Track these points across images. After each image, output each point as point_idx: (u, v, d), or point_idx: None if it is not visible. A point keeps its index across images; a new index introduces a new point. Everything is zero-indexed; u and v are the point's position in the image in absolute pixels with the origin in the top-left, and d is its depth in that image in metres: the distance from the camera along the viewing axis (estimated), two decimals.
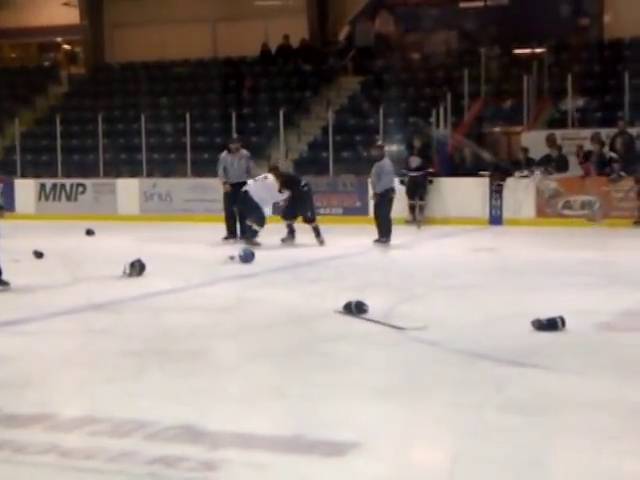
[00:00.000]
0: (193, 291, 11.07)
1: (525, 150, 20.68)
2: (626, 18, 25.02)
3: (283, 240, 15.93)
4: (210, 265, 13.40)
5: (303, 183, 16.32)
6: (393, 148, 22.35)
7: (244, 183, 16.35)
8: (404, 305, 9.70)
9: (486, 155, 20.88)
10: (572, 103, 21.88)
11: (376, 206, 16.23)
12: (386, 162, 16.14)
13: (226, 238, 16.39)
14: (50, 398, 6.10)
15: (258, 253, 13.73)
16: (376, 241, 15.66)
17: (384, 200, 15.96)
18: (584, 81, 22.88)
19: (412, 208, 20.43)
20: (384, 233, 15.73)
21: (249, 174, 16.81)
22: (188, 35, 29.52)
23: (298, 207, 16.05)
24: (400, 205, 20.23)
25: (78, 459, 4.91)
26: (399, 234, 16.33)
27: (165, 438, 5.17)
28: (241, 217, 16.40)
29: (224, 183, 16.99)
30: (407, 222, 20.16)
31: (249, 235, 15.62)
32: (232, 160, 17.01)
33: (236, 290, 11.04)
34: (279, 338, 8.11)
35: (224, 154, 17.26)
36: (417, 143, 20.87)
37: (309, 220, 16.00)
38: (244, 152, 17.27)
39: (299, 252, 14.93)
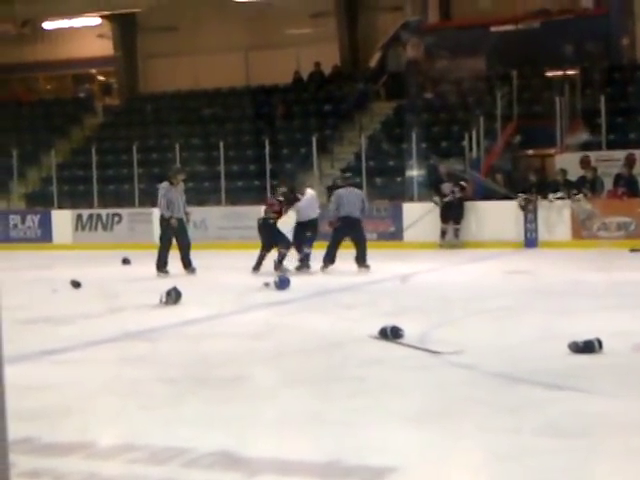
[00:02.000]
0: (229, 318, 11.11)
1: (564, 172, 20.58)
2: None
3: (298, 268, 15.73)
4: (246, 292, 13.45)
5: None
6: (420, 173, 22.43)
7: (183, 219, 16.13)
8: (440, 329, 9.68)
9: (508, 192, 20.79)
10: (579, 138, 21.86)
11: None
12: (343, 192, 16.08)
13: (164, 271, 15.89)
14: (89, 426, 6.14)
15: (293, 279, 13.76)
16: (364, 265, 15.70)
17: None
18: (617, 102, 22.82)
19: (444, 232, 20.44)
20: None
21: (186, 209, 16.32)
22: (220, 64, 29.80)
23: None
24: (434, 229, 20.30)
25: None
26: (433, 258, 16.31)
27: (203, 465, 5.19)
28: (182, 249, 16.09)
29: (171, 218, 16.01)
30: (440, 246, 20.19)
31: (278, 261, 15.57)
32: (176, 193, 16.12)
33: (272, 316, 11.07)
34: (315, 364, 8.12)
35: (167, 185, 16.23)
36: (443, 170, 20.95)
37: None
38: (182, 185, 16.46)
39: (333, 278, 14.95)
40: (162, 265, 16.00)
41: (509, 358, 8.03)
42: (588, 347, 7.95)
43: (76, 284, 14.20)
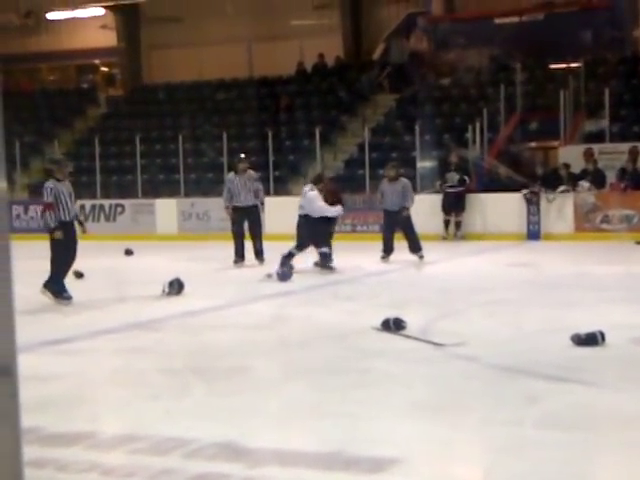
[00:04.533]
0: (232, 309, 11.12)
1: (567, 166, 20.55)
2: None
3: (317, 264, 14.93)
4: (248, 283, 13.47)
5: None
6: (428, 164, 22.39)
7: (254, 207, 15.96)
8: (442, 321, 9.69)
9: (518, 177, 20.76)
10: (598, 124, 21.82)
11: (407, 220, 15.97)
12: (407, 180, 16.43)
13: (235, 261, 15.80)
14: (92, 417, 6.16)
15: (295, 271, 13.76)
16: (420, 255, 15.67)
17: (409, 215, 16.06)
18: (620, 95, 22.79)
19: (447, 223, 20.43)
20: (419, 245, 15.77)
21: (258, 197, 16.12)
22: (224, 55, 29.76)
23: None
24: (436, 221, 20.26)
25: (119, 477, 4.95)
26: (435, 250, 16.30)
27: (206, 456, 5.20)
28: (255, 239, 15.91)
29: (227, 208, 16.19)
30: (443, 238, 20.16)
31: (323, 261, 14.69)
32: (240, 182, 16.07)
33: (274, 308, 11.08)
34: (318, 355, 8.13)
35: (231, 175, 16.40)
36: (454, 159, 20.87)
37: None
38: (252, 173, 16.38)
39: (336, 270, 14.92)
40: (235, 255, 15.93)
41: (511, 350, 8.03)
42: (591, 339, 7.95)
43: (79, 274, 14.19)
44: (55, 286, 11.70)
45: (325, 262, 14.70)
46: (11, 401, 2.46)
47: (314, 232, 14.64)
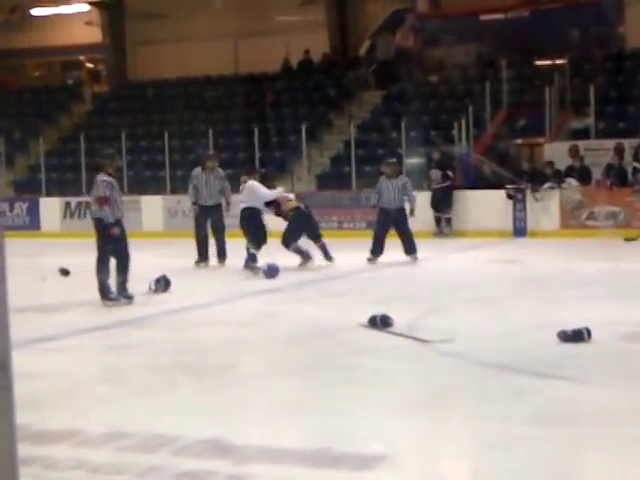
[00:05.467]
0: (218, 306, 11.11)
1: (551, 164, 20.58)
2: None
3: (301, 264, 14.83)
4: (235, 280, 13.45)
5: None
6: (414, 161, 22.39)
7: (218, 205, 15.70)
8: (429, 318, 9.70)
9: (504, 173, 20.78)
10: (584, 121, 21.90)
11: (405, 219, 15.65)
12: (406, 178, 16.22)
13: (197, 262, 15.44)
14: (79, 414, 6.14)
15: (283, 267, 13.73)
16: (413, 256, 15.51)
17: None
18: (606, 92, 22.84)
19: (438, 220, 20.41)
20: (415, 246, 15.57)
21: (224, 196, 15.82)
22: (210, 52, 29.69)
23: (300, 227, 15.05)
24: (425, 218, 20.23)
25: (107, 475, 4.95)
26: (423, 247, 16.30)
27: (193, 453, 5.20)
28: (217, 239, 15.59)
29: (193, 204, 15.93)
30: (434, 235, 20.12)
31: (249, 260, 14.26)
32: (206, 179, 15.72)
33: (261, 305, 11.08)
34: (305, 352, 8.14)
35: (197, 171, 15.91)
36: (436, 156, 20.89)
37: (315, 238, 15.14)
38: (220, 171, 15.96)
39: (323, 266, 14.91)
40: (198, 255, 15.54)
41: (498, 347, 8.06)
42: (577, 336, 7.98)
43: (65, 272, 14.18)
44: (103, 288, 11.16)
45: (251, 262, 14.25)
46: (6, 393, 2.47)
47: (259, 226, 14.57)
